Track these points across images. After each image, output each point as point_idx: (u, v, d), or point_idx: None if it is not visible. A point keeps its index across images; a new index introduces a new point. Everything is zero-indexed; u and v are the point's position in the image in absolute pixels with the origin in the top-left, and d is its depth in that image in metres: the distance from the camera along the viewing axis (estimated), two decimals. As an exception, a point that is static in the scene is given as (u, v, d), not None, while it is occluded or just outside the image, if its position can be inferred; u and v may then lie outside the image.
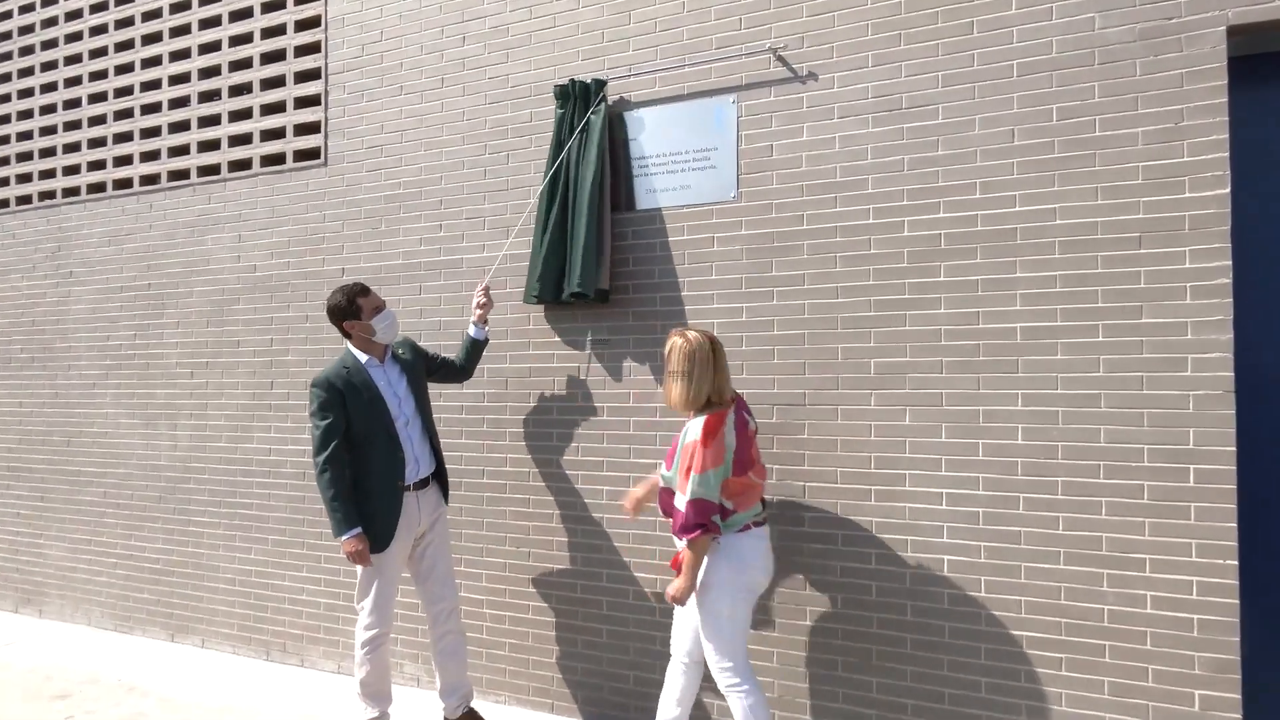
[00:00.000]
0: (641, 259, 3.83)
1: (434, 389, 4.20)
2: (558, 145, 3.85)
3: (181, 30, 5.24)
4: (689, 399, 2.84)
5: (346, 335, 3.37)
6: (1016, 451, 3.17)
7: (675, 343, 2.90)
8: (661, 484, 2.97)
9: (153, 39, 5.33)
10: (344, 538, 3.20)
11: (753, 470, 2.89)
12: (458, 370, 3.77)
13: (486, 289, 3.83)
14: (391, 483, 3.30)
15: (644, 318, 3.83)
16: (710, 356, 2.87)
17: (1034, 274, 3.16)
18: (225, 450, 4.89)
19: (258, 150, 4.88)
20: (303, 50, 4.79)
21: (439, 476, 3.55)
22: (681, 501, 2.76)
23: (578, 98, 3.82)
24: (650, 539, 3.78)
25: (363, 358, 3.38)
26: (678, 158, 3.76)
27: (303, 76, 4.80)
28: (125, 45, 5.43)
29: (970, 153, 3.26)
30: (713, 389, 2.86)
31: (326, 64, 4.68)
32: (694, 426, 2.83)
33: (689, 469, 2.76)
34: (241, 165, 4.98)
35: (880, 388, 3.36)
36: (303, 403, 4.65)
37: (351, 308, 3.37)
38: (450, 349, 4.18)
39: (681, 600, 2.77)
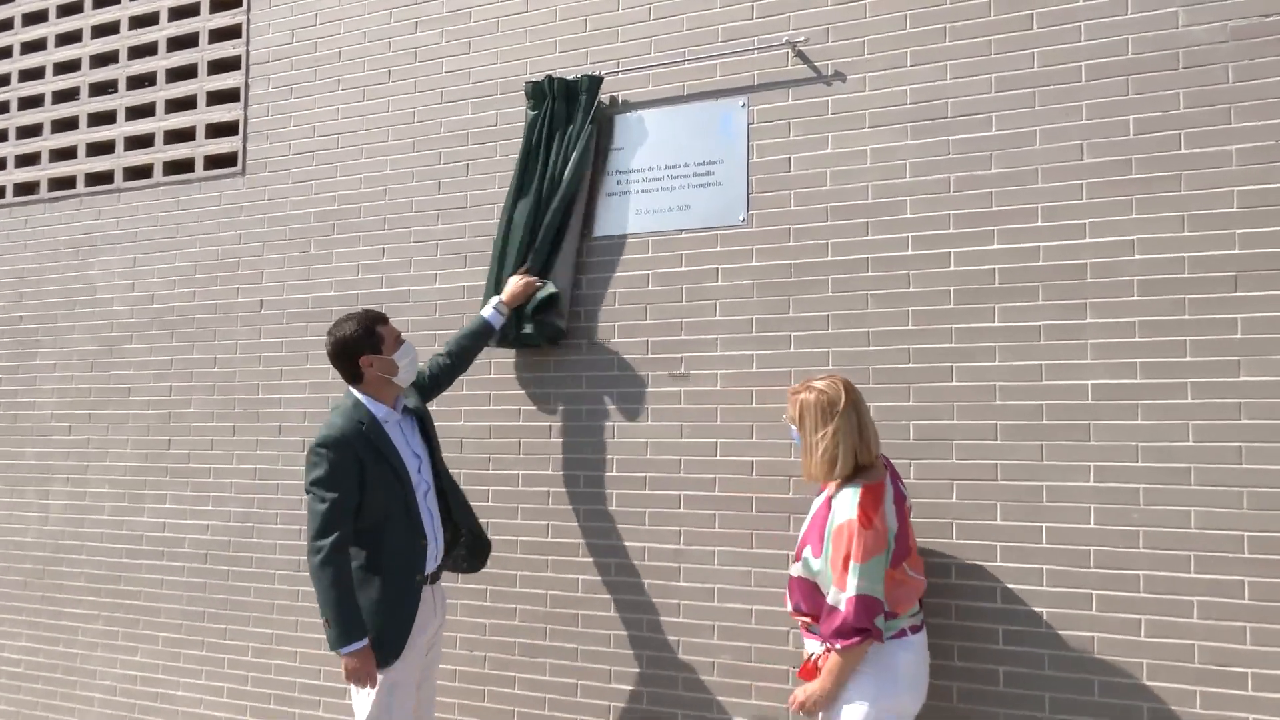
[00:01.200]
0: (629, 295, 3.78)
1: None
2: (526, 154, 3.81)
3: (72, 9, 5.18)
4: (836, 466, 2.75)
5: (355, 377, 3.16)
6: (1088, 538, 3.10)
7: (805, 399, 2.82)
8: (795, 574, 2.84)
9: (36, 18, 5.25)
10: (346, 651, 2.93)
11: (908, 560, 2.79)
12: (449, 369, 3.54)
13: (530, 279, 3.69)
14: (409, 576, 3.09)
15: (631, 367, 3.77)
16: (854, 407, 2.78)
17: (1108, 319, 3.11)
18: (109, 525, 4.76)
19: (161, 155, 4.83)
20: (220, 35, 4.76)
21: (474, 549, 3.41)
22: (840, 598, 2.65)
23: (556, 97, 3.80)
24: (642, 641, 3.65)
25: (378, 410, 3.14)
26: (675, 172, 3.74)
27: (219, 66, 4.77)
28: (2, 25, 5.35)
29: (1030, 172, 3.24)
30: (860, 446, 2.77)
31: (248, 52, 4.66)
32: (845, 502, 2.73)
33: (847, 557, 2.66)
34: (140, 173, 4.93)
35: (920, 456, 3.29)
36: (207, 466, 4.56)
37: (371, 339, 3.09)
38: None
39: (814, 711, 2.70)
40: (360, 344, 3.10)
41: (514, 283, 3.69)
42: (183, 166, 4.81)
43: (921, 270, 3.35)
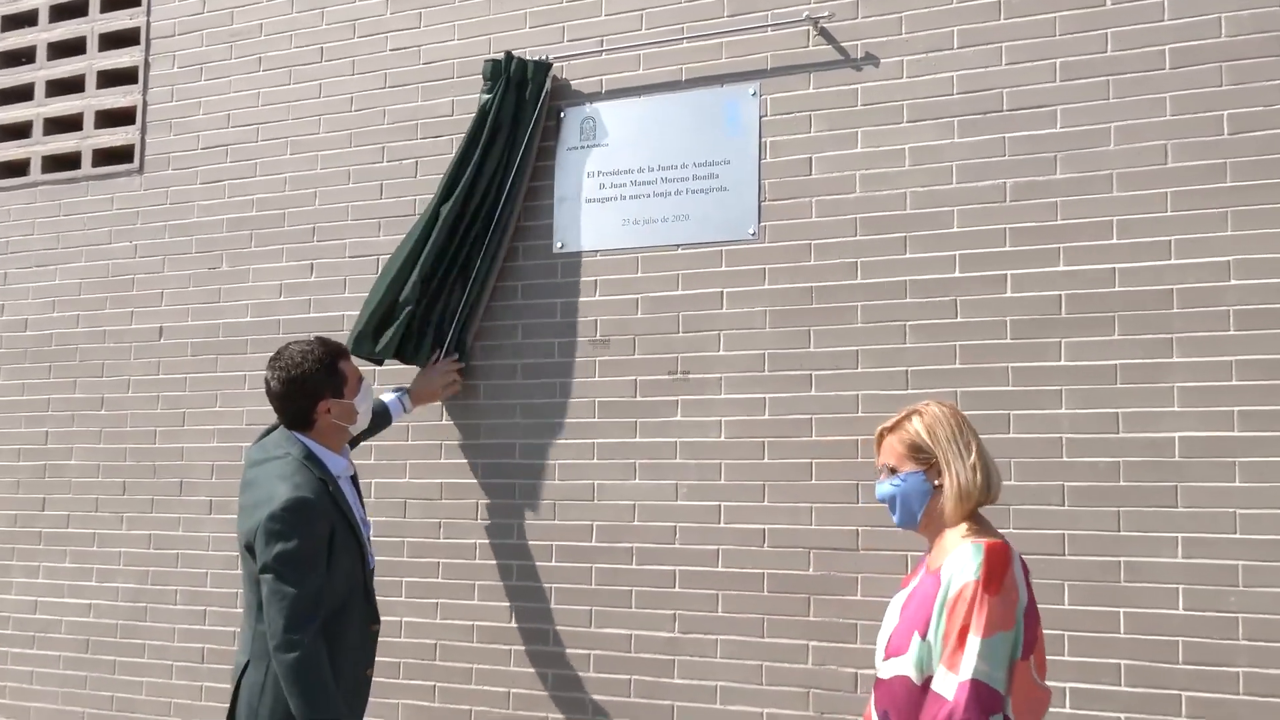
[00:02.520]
0: (613, 324, 3.78)
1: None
2: (469, 143, 3.83)
3: (-67, -30, 5.15)
4: (991, 484, 2.56)
5: (305, 423, 3.10)
6: (1176, 626, 3.07)
7: (934, 413, 2.65)
8: (887, 674, 2.65)
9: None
10: None
11: (1037, 656, 2.62)
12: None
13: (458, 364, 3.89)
14: (362, 670, 3.07)
15: (615, 412, 3.75)
16: (976, 431, 2.65)
17: (1198, 358, 3.10)
18: (-33, 600, 4.68)
19: (39, 148, 4.81)
20: (113, 2, 4.74)
21: None
22: (949, 682, 2.44)
23: (511, 80, 3.82)
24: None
25: (334, 463, 3.06)
26: (671, 174, 3.74)
27: (112, 41, 4.75)
28: None
29: (1103, 178, 3.24)
30: (983, 480, 2.59)
31: (149, 23, 4.64)
32: (963, 561, 2.47)
33: (964, 629, 2.45)
34: (13, 170, 4.90)
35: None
36: (90, 532, 4.50)
37: (333, 379, 3.05)
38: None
39: None
40: (320, 384, 3.02)
41: (433, 376, 3.77)
42: (66, 162, 4.78)
43: (971, 296, 3.34)
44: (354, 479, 3.26)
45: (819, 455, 3.48)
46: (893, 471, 2.65)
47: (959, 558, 2.48)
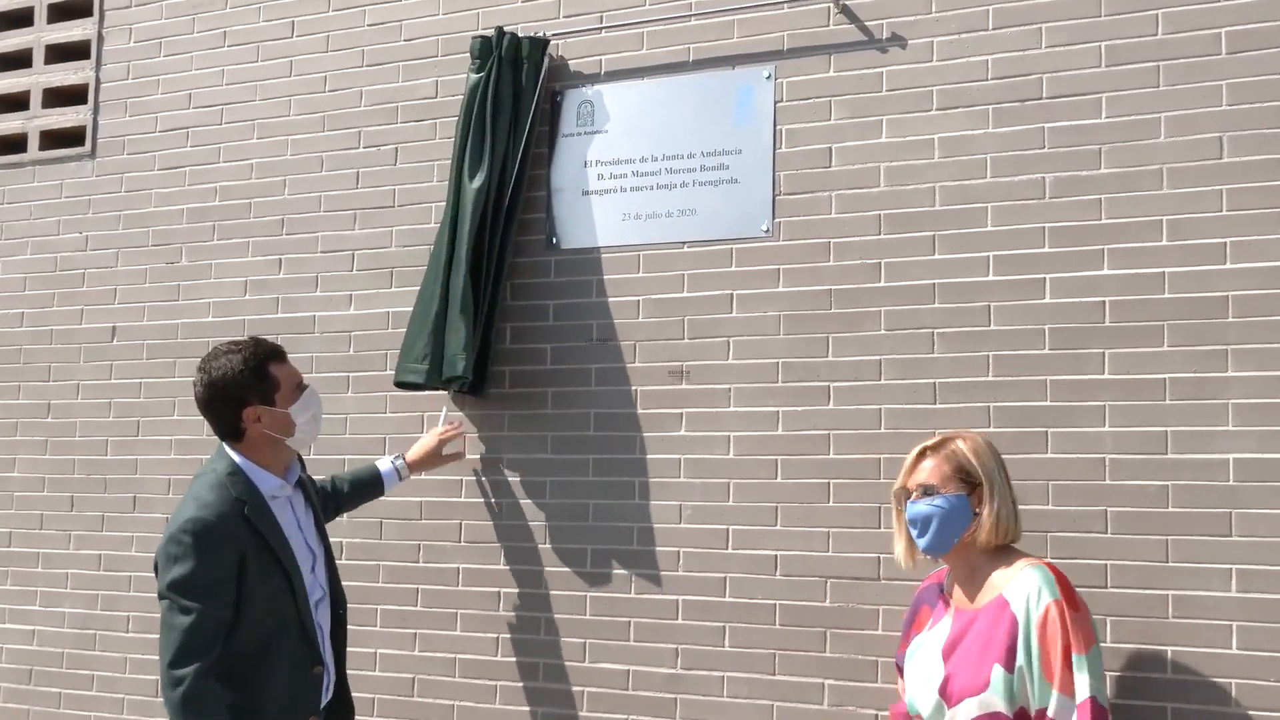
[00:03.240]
0: (612, 329, 3.78)
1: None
2: (465, 128, 3.83)
3: None
4: (1009, 520, 2.83)
5: (233, 433, 3.08)
6: (1230, 667, 3.06)
7: (976, 440, 2.87)
8: (963, 717, 2.73)
9: None
10: None
11: None
12: (343, 498, 3.65)
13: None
14: (300, 716, 3.03)
15: (613, 424, 3.75)
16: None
17: (1256, 372, 3.10)
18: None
19: None
20: None
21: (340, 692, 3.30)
22: (1067, 708, 2.57)
23: (503, 59, 3.83)
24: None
25: (264, 481, 3.05)
26: (676, 164, 3.75)
27: (62, 11, 4.74)
28: None
29: (1153, 173, 3.24)
30: (1018, 523, 2.88)
31: None
32: (1031, 585, 2.69)
33: (1067, 650, 2.63)
34: None
35: (1005, 553, 3.26)
36: (33, 551, 4.49)
37: (260, 383, 2.99)
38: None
39: None
40: (244, 388, 3.01)
41: (430, 440, 3.75)
42: (11, 145, 4.78)
43: (1006, 301, 3.34)
44: (310, 500, 3.25)
45: (837, 475, 3.48)
46: (928, 493, 2.76)
47: (1026, 582, 2.74)
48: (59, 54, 4.72)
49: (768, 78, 3.64)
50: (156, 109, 4.51)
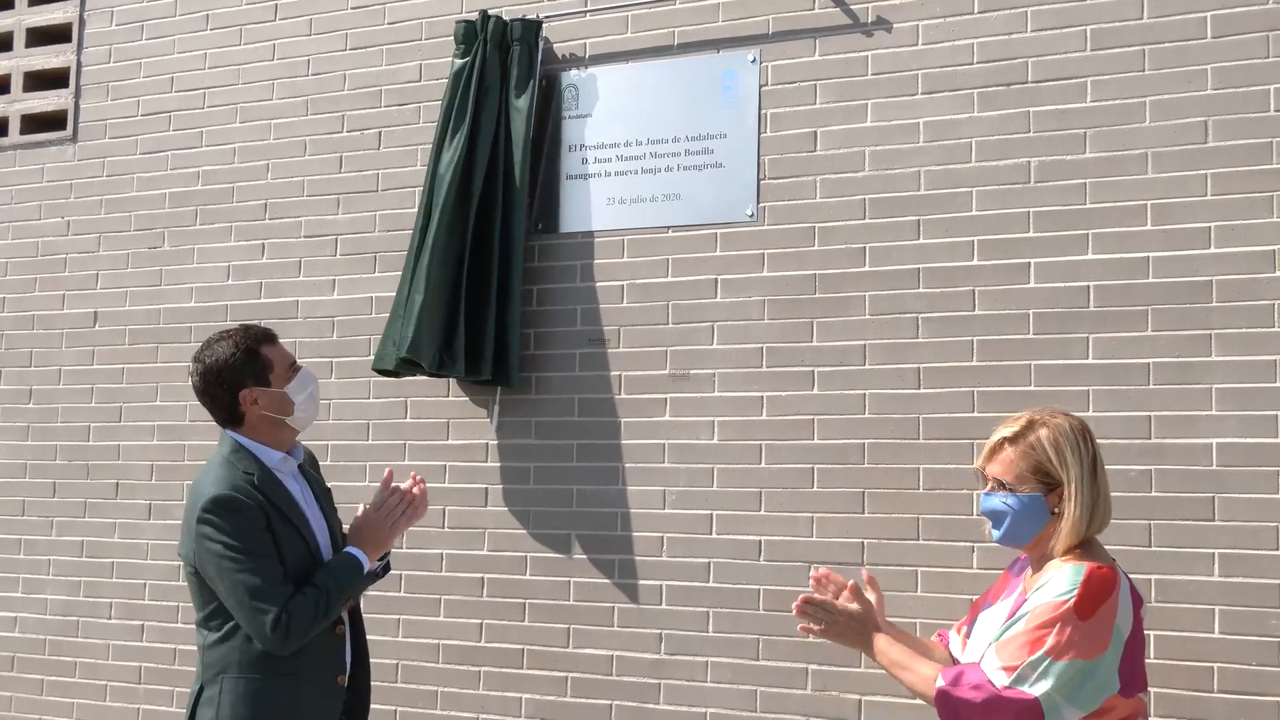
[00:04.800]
0: (596, 314, 3.77)
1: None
2: (448, 113, 3.81)
3: None
4: (1089, 521, 2.53)
5: (233, 419, 3.10)
6: (1211, 651, 3.07)
7: (1058, 425, 2.59)
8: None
9: None
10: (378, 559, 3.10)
11: (1144, 692, 2.61)
12: None
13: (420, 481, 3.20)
14: (329, 676, 3.06)
15: (597, 410, 3.74)
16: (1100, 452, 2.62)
17: (1239, 356, 3.10)
18: (-121, 613, 4.67)
19: None
20: None
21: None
22: (1001, 681, 2.41)
23: (489, 43, 3.81)
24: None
25: (267, 455, 3.10)
26: (661, 149, 3.74)
27: (43, -5, 4.73)
28: None
29: (1137, 157, 3.24)
30: (1109, 512, 2.61)
31: None
32: (1063, 578, 2.47)
33: (1038, 642, 2.45)
34: None
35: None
36: (16, 538, 4.48)
37: (253, 365, 3.06)
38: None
39: (828, 633, 2.60)
40: (238, 371, 3.01)
41: (374, 516, 3.17)
42: (-8, 128, 4.77)
43: (991, 286, 3.34)
44: (314, 482, 3.25)
45: (821, 460, 3.48)
46: (1004, 487, 2.61)
47: (1057, 577, 2.46)
48: (40, 37, 4.69)
49: (753, 61, 3.63)
50: (138, 92, 4.49)
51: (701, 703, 3.53)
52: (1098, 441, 2.56)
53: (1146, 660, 3.06)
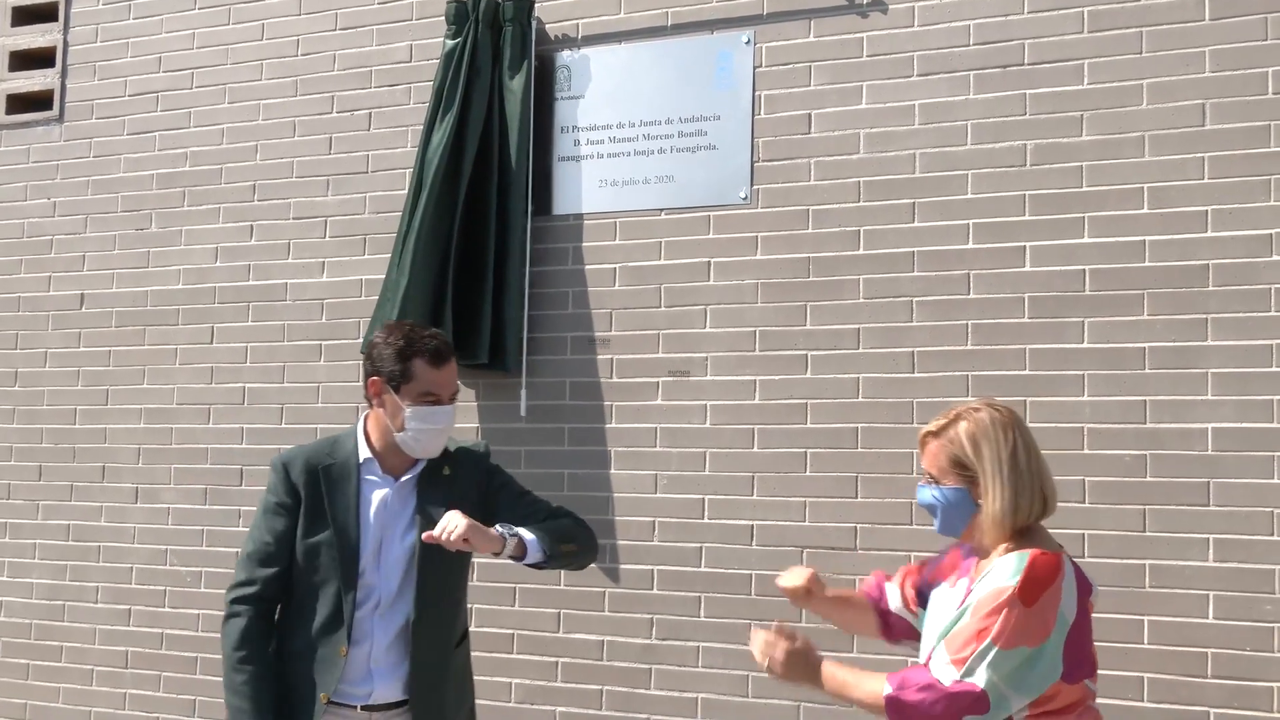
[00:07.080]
0: (587, 297, 3.77)
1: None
2: (439, 95, 3.81)
3: None
4: (1048, 502, 2.57)
5: (367, 399, 3.06)
6: (1206, 636, 3.07)
7: (978, 419, 2.61)
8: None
9: None
10: None
11: (1091, 679, 2.64)
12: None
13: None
14: (310, 690, 2.94)
15: (588, 394, 3.74)
16: (1034, 442, 2.63)
17: (1235, 341, 3.10)
18: None
19: None
20: None
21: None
22: (948, 675, 2.43)
23: (481, 23, 3.80)
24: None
25: (360, 452, 3.05)
26: (654, 130, 3.74)
27: (29, -27, 4.69)
28: None
29: (1134, 140, 3.23)
30: (1037, 501, 2.60)
31: None
32: (1007, 567, 2.53)
33: (983, 631, 2.47)
34: None
35: (983, 523, 3.26)
36: (0, 522, 4.48)
37: (394, 365, 2.97)
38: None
39: (777, 670, 2.60)
40: (381, 361, 2.96)
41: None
42: (-23, 109, 4.73)
43: (986, 270, 3.34)
44: (439, 498, 2.97)
45: (814, 444, 3.49)
46: (933, 480, 2.66)
47: (1000, 565, 2.51)
48: (25, 16, 4.67)
49: (747, 43, 3.63)
50: (125, 72, 4.48)
51: (693, 687, 3.54)
52: (1029, 431, 2.57)
53: (1140, 645, 3.13)
